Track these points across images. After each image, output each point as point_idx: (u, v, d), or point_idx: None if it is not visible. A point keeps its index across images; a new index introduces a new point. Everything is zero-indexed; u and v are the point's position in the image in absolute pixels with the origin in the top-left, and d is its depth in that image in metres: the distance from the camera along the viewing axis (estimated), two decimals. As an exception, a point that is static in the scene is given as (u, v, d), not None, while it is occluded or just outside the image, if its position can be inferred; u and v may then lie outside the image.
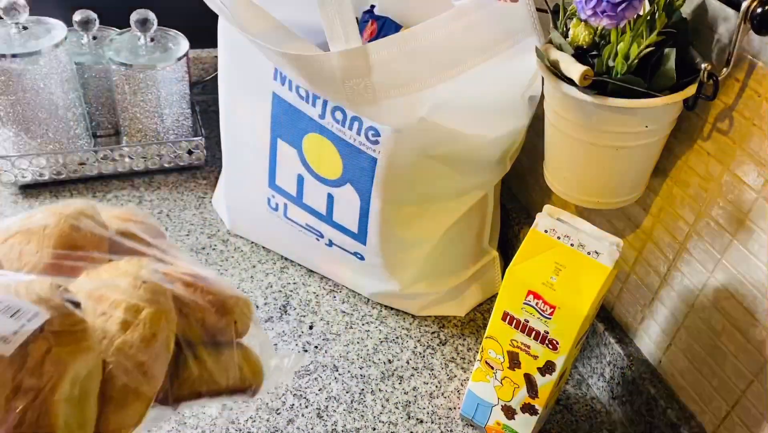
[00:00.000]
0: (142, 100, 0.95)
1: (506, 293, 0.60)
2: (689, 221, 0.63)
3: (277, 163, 0.81)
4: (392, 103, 0.64)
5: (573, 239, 0.59)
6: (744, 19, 0.49)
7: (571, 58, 0.54)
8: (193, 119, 1.04)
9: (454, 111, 0.67)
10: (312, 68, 0.64)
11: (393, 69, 0.62)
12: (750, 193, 0.56)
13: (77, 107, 0.95)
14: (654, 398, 0.68)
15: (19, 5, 0.87)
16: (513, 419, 0.68)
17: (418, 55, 0.62)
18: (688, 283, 0.64)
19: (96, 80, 0.99)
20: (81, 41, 0.99)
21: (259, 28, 0.67)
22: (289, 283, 0.87)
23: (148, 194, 0.99)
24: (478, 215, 0.84)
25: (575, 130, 0.57)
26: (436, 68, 0.63)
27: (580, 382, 0.79)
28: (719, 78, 0.53)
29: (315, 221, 0.81)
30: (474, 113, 0.69)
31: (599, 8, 0.50)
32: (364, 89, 0.63)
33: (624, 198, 0.62)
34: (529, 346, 0.61)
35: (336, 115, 0.71)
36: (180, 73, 0.96)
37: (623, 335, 0.74)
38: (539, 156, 0.68)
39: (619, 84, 0.53)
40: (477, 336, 0.83)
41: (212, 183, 1.02)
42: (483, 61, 0.63)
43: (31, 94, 0.89)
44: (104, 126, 1.04)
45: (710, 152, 0.59)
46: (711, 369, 0.63)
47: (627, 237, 0.71)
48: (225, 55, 0.81)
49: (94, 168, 0.98)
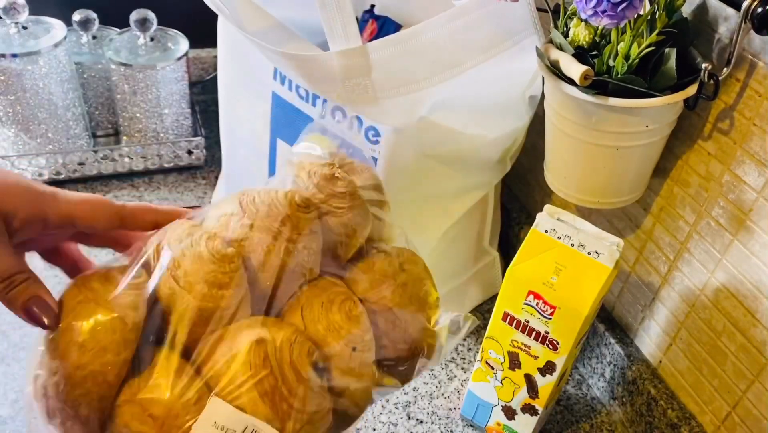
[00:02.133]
0: (141, 100, 0.95)
1: (506, 293, 0.60)
2: (690, 221, 0.62)
3: (276, 163, 0.81)
4: (392, 103, 0.64)
5: (573, 239, 0.59)
6: (744, 18, 0.49)
7: (571, 58, 0.54)
8: (193, 119, 1.04)
9: (455, 111, 0.67)
10: (312, 68, 0.64)
11: (393, 68, 0.62)
12: (750, 193, 0.55)
13: (77, 107, 0.95)
14: (654, 398, 0.68)
15: (19, 5, 0.87)
16: (513, 419, 0.67)
17: (418, 54, 0.62)
18: (688, 283, 0.64)
19: (96, 80, 0.99)
20: (81, 41, 0.99)
21: (258, 27, 0.67)
22: (289, 283, 0.87)
23: (147, 194, 0.99)
24: (479, 215, 0.84)
25: (575, 130, 0.57)
26: (436, 68, 0.63)
27: (581, 382, 0.79)
28: (720, 78, 0.53)
29: (315, 221, 0.81)
30: (474, 113, 0.69)
31: (600, 8, 0.50)
32: (364, 89, 0.63)
33: (624, 198, 0.62)
34: (530, 346, 0.61)
35: (336, 115, 0.71)
36: (180, 72, 0.96)
37: (623, 335, 0.74)
38: (539, 156, 0.68)
39: (619, 84, 0.53)
40: (477, 336, 0.83)
41: (212, 183, 1.02)
42: (483, 61, 0.63)
43: (30, 94, 0.89)
44: (104, 126, 1.04)
45: (711, 152, 0.59)
46: (711, 369, 0.63)
47: (627, 237, 0.71)
48: (225, 55, 0.80)
49: (94, 168, 0.98)
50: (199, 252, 0.40)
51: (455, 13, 0.60)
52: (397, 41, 0.61)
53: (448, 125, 0.68)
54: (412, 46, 0.61)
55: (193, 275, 0.40)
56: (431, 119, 0.66)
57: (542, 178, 0.66)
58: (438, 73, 0.62)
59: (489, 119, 0.71)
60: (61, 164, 0.95)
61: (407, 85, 0.63)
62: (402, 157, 0.70)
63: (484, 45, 0.63)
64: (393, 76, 0.62)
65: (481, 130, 0.71)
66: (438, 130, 0.68)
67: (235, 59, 0.78)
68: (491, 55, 0.63)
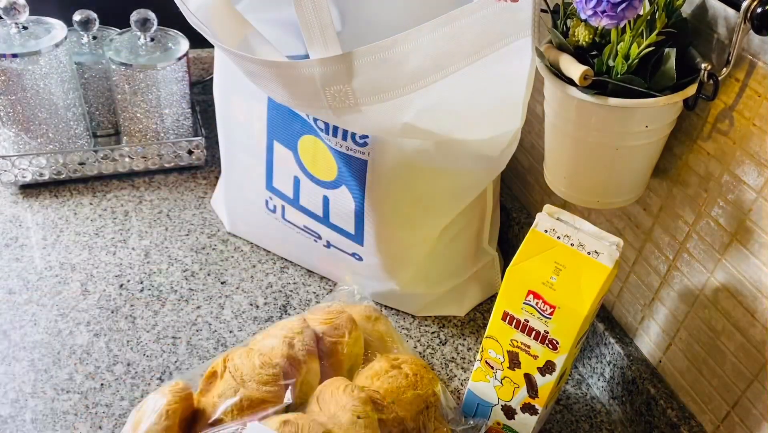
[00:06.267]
0: (142, 100, 0.95)
1: (506, 292, 0.60)
2: (689, 221, 0.63)
3: (274, 165, 0.81)
4: (374, 109, 0.63)
5: (573, 238, 0.59)
6: (744, 19, 0.49)
7: (571, 58, 0.54)
8: (193, 119, 1.04)
9: (442, 115, 0.65)
10: (292, 76, 0.62)
11: (374, 75, 0.60)
12: (750, 193, 0.56)
13: (77, 107, 0.95)
14: (654, 398, 0.68)
15: (19, 5, 0.87)
16: (513, 418, 0.68)
17: (400, 62, 0.60)
18: (688, 283, 0.64)
19: (96, 80, 0.99)
20: (81, 41, 0.99)
21: (238, 41, 0.67)
22: (289, 283, 0.87)
23: (148, 194, 0.99)
24: (477, 215, 0.84)
25: (575, 130, 0.57)
26: (418, 73, 0.61)
27: (580, 382, 0.79)
28: (719, 78, 0.53)
29: (312, 222, 0.81)
30: (463, 117, 0.68)
31: (599, 8, 0.50)
32: (345, 96, 0.62)
33: (624, 198, 0.62)
34: (529, 346, 0.61)
35: (318, 123, 0.71)
36: (180, 73, 0.96)
37: (623, 335, 0.74)
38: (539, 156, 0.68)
39: (619, 84, 0.53)
40: (477, 336, 0.83)
41: (212, 183, 1.02)
42: (468, 65, 0.61)
43: (31, 94, 0.89)
44: (104, 126, 1.05)
45: (710, 152, 0.59)
46: (711, 369, 0.63)
47: (627, 237, 0.71)
48: (221, 57, 0.80)
49: (94, 168, 0.98)
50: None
51: (441, 22, 0.58)
52: (380, 49, 0.59)
53: (436, 130, 0.67)
54: (394, 54, 0.59)
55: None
56: (417, 125, 0.65)
57: (542, 178, 0.66)
58: (420, 78, 0.60)
59: (479, 123, 0.69)
60: (61, 164, 0.96)
61: (389, 92, 0.62)
62: (392, 160, 0.70)
63: (470, 50, 0.60)
64: (374, 83, 0.61)
65: (471, 134, 0.69)
66: (425, 134, 0.67)
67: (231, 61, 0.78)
68: (477, 58, 0.61)
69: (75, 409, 0.69)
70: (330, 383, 0.65)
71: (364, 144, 0.70)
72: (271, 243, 0.91)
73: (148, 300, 0.82)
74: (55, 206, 0.95)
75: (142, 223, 0.94)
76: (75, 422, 0.67)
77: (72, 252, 0.88)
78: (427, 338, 0.82)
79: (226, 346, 0.78)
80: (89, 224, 0.93)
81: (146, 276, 0.86)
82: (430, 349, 0.81)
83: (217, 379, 0.64)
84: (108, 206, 0.96)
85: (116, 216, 0.95)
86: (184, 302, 0.83)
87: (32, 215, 0.93)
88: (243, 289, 0.85)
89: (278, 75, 0.63)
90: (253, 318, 0.82)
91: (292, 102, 0.67)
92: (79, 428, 0.67)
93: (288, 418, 0.59)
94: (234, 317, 0.81)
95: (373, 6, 0.80)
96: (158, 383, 0.72)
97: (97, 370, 0.73)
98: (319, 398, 0.63)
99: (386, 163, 0.71)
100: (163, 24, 0.97)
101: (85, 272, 0.85)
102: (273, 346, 0.66)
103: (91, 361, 0.74)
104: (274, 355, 0.65)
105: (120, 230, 0.92)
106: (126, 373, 0.73)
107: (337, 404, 0.61)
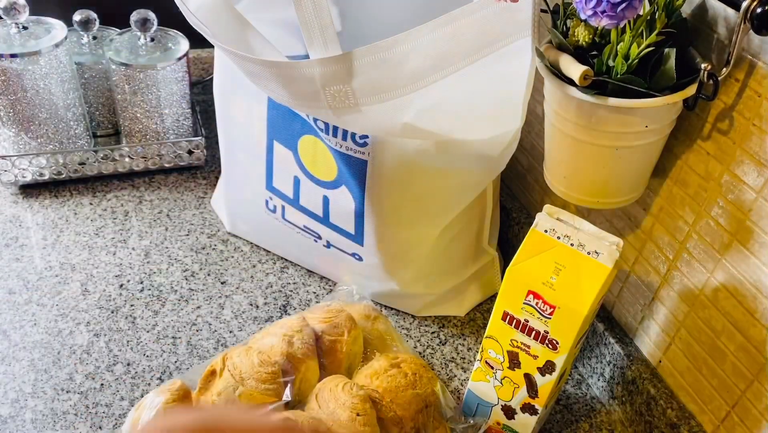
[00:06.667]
0: (142, 100, 0.95)
1: (506, 292, 0.60)
2: (689, 221, 0.63)
3: (273, 165, 0.81)
4: (374, 109, 0.63)
5: (573, 238, 0.59)
6: (744, 19, 0.49)
7: (571, 58, 0.54)
8: (193, 119, 1.04)
9: (442, 115, 0.65)
10: (292, 76, 0.62)
11: (374, 75, 0.60)
12: (750, 193, 0.56)
13: (77, 107, 0.95)
14: (654, 398, 0.68)
15: (19, 5, 0.87)
16: (513, 418, 0.68)
17: (400, 62, 0.60)
18: (688, 282, 0.64)
19: (96, 80, 0.99)
20: (81, 41, 0.99)
21: (237, 40, 0.67)
22: (289, 283, 0.87)
23: (148, 194, 0.99)
24: (477, 214, 0.84)
25: (575, 130, 0.57)
26: (418, 73, 0.61)
27: (580, 382, 0.79)
28: (719, 78, 0.53)
29: (312, 222, 0.81)
30: (463, 117, 0.68)
31: (599, 8, 0.50)
32: (345, 96, 0.62)
33: (624, 198, 0.62)
34: (529, 346, 0.61)
35: (318, 123, 0.71)
36: (180, 73, 0.96)
37: (623, 335, 0.74)
38: (539, 156, 0.68)
39: (619, 84, 0.53)
40: (477, 336, 0.83)
41: (212, 183, 1.02)
42: (468, 65, 0.61)
43: (31, 94, 0.89)
44: (104, 126, 1.04)
45: (710, 152, 0.59)
46: (711, 369, 0.63)
47: (627, 237, 0.71)
48: (220, 57, 0.80)
49: (94, 168, 0.98)
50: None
51: (441, 22, 0.58)
52: (380, 49, 0.59)
53: (436, 130, 0.67)
54: (394, 54, 0.59)
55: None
56: (417, 125, 0.65)
57: (542, 178, 0.66)
58: (420, 78, 0.60)
59: (479, 122, 0.69)
60: (61, 164, 0.96)
61: (389, 92, 0.62)
62: (391, 160, 0.70)
63: (470, 50, 0.60)
64: (375, 84, 0.61)
65: (471, 134, 0.69)
66: (425, 134, 0.67)
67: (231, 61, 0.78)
68: (477, 58, 0.61)
69: (75, 409, 0.69)
70: (329, 381, 0.65)
71: (364, 144, 0.70)
72: (271, 243, 0.91)
73: (148, 300, 0.82)
74: (55, 206, 0.95)
75: (142, 223, 0.94)
76: (75, 422, 0.67)
77: (72, 252, 0.88)
78: (427, 337, 0.82)
79: (226, 346, 0.78)
80: (89, 224, 0.93)
81: (146, 276, 0.86)
82: (430, 349, 0.81)
83: (216, 377, 0.64)
84: (108, 206, 0.96)
85: (116, 216, 0.95)
86: (184, 302, 0.83)
87: (32, 215, 0.93)
88: (243, 289, 0.86)
89: (278, 75, 0.63)
90: (253, 318, 0.82)
91: (292, 102, 0.67)
92: (79, 428, 0.67)
93: (287, 415, 0.59)
94: (234, 317, 0.81)
95: (373, 6, 0.80)
96: (158, 383, 0.72)
97: (97, 370, 0.73)
98: (318, 396, 0.64)
99: (386, 163, 0.71)
100: (163, 24, 0.97)
101: (85, 272, 0.85)
102: (272, 344, 0.66)
103: (91, 361, 0.74)
104: (273, 353, 0.65)
105: (120, 230, 0.92)
106: (126, 373, 0.73)
107: (336, 402, 0.62)
